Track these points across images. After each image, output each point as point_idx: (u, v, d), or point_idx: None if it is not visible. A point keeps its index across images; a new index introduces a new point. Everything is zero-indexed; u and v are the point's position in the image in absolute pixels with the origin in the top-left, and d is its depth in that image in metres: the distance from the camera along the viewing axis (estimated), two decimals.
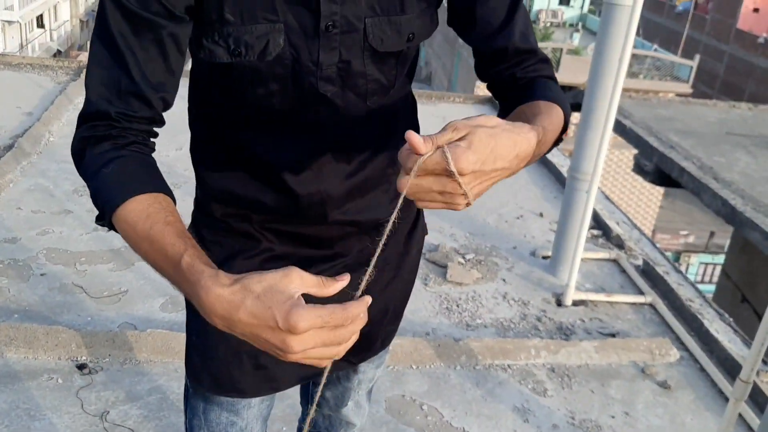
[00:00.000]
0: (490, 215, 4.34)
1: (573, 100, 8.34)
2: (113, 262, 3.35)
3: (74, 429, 2.32)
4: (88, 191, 0.94)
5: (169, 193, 0.94)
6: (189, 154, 1.19)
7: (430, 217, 4.14)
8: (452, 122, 0.78)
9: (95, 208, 0.94)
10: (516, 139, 0.79)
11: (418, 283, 3.44)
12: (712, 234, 18.58)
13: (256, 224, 1.16)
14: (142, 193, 0.89)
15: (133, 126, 0.96)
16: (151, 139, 1.00)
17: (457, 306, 3.31)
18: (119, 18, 0.92)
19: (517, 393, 2.75)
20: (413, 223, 1.31)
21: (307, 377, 1.28)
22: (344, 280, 0.80)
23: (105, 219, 0.91)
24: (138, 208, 0.88)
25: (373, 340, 1.32)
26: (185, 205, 1.14)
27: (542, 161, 5.31)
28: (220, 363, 1.18)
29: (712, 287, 10.11)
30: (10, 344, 2.67)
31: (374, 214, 1.16)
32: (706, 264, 18.51)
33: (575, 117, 5.35)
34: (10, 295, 3.03)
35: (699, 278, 18.15)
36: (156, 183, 0.93)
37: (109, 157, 0.92)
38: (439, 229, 4.05)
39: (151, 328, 2.80)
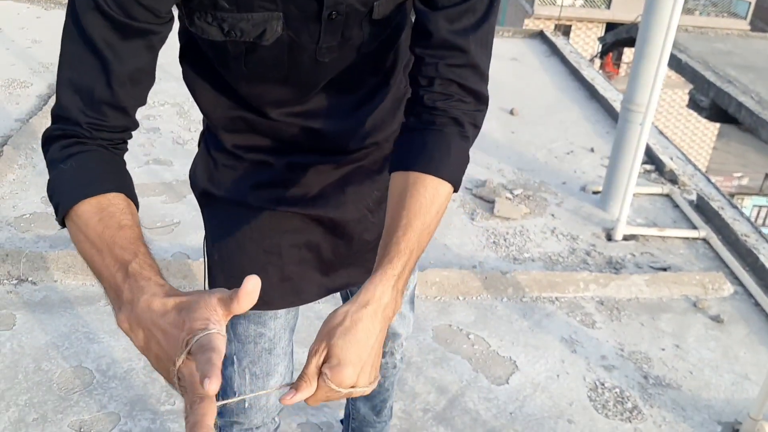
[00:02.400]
0: (540, 151, 4.27)
1: (627, 34, 8.06)
2: (165, 195, 3.41)
3: (130, 352, 2.40)
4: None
5: (129, 192, 0.87)
6: None
7: (476, 153, 4.10)
8: (312, 346, 0.82)
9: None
10: (374, 316, 0.84)
11: (464, 218, 3.42)
12: (766, 176, 18.02)
13: (270, 154, 1.17)
14: (98, 194, 0.83)
15: (103, 135, 0.89)
16: (123, 144, 0.94)
17: (505, 240, 3.29)
18: (103, 25, 0.85)
19: (564, 325, 2.74)
20: None
21: (333, 289, 1.30)
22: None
23: (57, 219, 0.85)
24: (90, 210, 0.81)
25: None
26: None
27: (594, 96, 5.17)
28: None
29: (766, 230, 9.85)
30: (69, 271, 2.76)
31: (390, 129, 1.18)
32: (760, 207, 18.01)
33: (628, 54, 5.14)
34: None
35: (753, 221, 17.66)
36: (115, 183, 0.86)
37: (70, 153, 0.86)
38: (487, 165, 4.00)
39: (202, 258, 2.85)
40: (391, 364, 1.70)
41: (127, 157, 0.94)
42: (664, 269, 3.12)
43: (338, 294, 1.49)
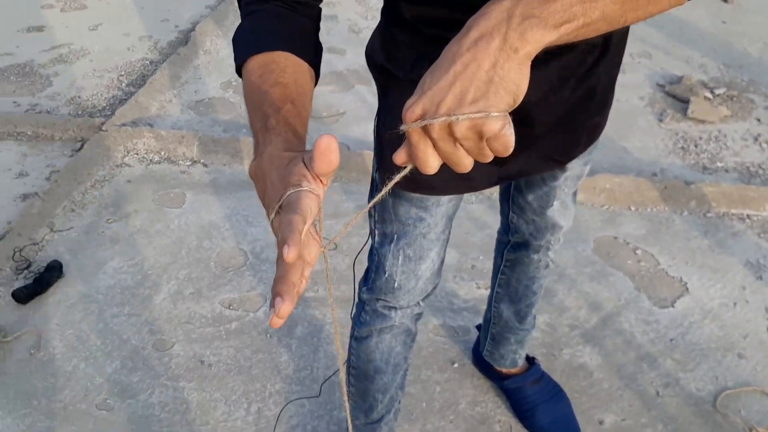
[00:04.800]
0: (754, 45, 3.68)
1: None
2: (334, 84, 3.39)
3: None
4: None
5: (301, 52, 0.87)
6: None
7: (675, 44, 3.62)
8: None
9: None
10: (461, 37, 0.63)
11: (651, 118, 3.07)
12: None
13: (448, 30, 1.04)
14: (264, 52, 0.85)
15: None
16: (311, 2, 0.93)
17: (696, 146, 2.90)
18: None
19: (753, 246, 2.39)
20: None
21: (506, 177, 1.21)
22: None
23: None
24: (254, 67, 0.85)
25: (578, 134, 1.20)
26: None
27: None
28: None
29: None
30: (236, 156, 2.86)
31: None
32: None
33: None
34: (241, 111, 3.22)
35: None
36: (285, 42, 0.87)
37: (251, 9, 0.92)
38: (686, 59, 3.52)
39: (362, 149, 2.82)
40: (543, 263, 1.59)
41: None
42: None
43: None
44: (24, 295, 2.21)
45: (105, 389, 1.95)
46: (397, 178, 0.70)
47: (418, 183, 1.16)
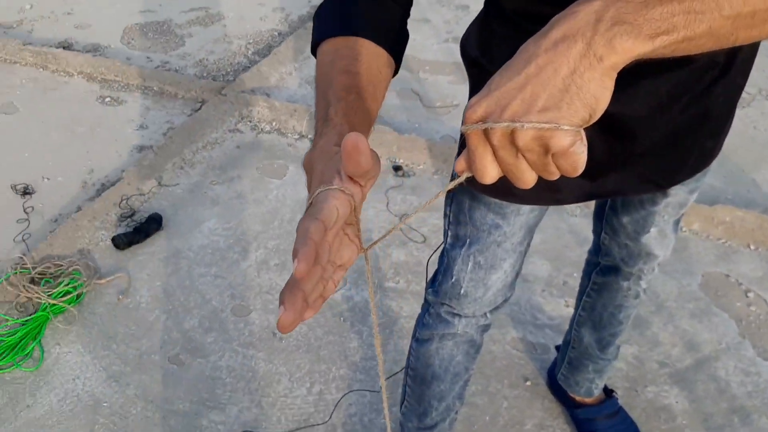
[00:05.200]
0: None
1: None
2: (453, 75, 3.32)
3: (375, 222, 2.43)
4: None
5: (382, 40, 0.82)
6: None
7: None
8: None
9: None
10: (538, 36, 0.56)
11: None
12: None
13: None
14: (339, 36, 0.81)
15: None
16: None
17: None
18: None
19: None
20: None
21: (598, 194, 1.12)
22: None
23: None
24: (327, 50, 0.81)
25: (685, 158, 1.09)
26: None
27: None
28: None
29: None
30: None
31: None
32: None
33: None
34: None
35: None
36: (365, 28, 0.82)
37: None
38: None
39: None
40: (633, 292, 1.47)
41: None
42: None
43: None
44: (123, 242, 2.30)
45: (180, 344, 2.00)
46: (451, 185, 0.64)
47: (498, 187, 1.09)
